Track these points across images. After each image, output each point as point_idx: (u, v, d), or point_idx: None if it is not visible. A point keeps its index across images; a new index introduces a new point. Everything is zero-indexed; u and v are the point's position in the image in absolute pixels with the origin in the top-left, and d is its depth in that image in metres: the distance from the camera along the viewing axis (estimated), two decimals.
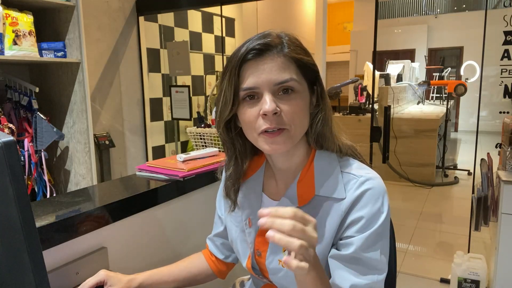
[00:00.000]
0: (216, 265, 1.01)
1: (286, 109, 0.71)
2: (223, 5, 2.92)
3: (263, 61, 0.70)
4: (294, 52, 0.72)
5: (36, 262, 0.55)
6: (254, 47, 0.70)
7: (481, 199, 2.16)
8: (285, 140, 0.72)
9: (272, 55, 0.71)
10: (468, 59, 6.85)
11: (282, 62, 0.71)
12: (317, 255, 0.68)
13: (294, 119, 0.71)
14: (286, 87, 0.71)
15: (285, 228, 0.57)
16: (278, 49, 0.71)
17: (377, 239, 0.72)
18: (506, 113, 2.77)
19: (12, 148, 0.52)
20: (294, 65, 0.72)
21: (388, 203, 0.74)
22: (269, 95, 0.70)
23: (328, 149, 0.79)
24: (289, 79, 0.70)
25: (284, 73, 0.70)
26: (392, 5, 8.82)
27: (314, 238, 0.59)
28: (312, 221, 0.60)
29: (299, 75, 0.73)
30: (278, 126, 0.70)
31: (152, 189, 1.14)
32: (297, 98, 0.72)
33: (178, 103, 3.06)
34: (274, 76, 0.70)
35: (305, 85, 0.74)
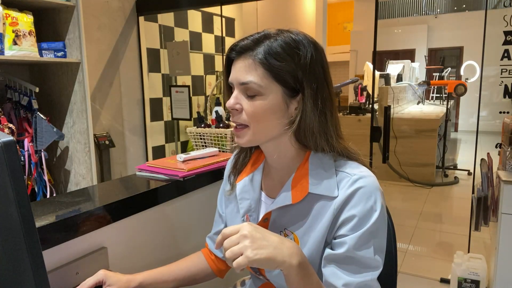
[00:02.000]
0: (215, 264, 1.02)
1: (247, 107, 0.76)
2: (223, 5, 2.92)
3: (237, 60, 0.77)
4: (268, 57, 0.74)
5: (36, 262, 0.55)
6: (233, 48, 0.78)
7: (481, 199, 2.16)
8: (244, 135, 0.78)
9: (244, 56, 0.76)
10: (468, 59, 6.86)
11: (248, 65, 0.75)
12: (304, 254, 0.71)
13: (254, 118, 0.76)
14: (247, 88, 0.75)
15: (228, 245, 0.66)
16: (250, 52, 0.75)
17: (370, 238, 0.72)
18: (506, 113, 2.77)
19: (12, 148, 0.52)
20: (262, 69, 0.74)
21: (382, 201, 0.74)
22: (237, 92, 0.77)
23: (321, 150, 0.79)
24: (248, 81, 0.75)
25: (247, 75, 0.75)
26: (392, 5, 8.83)
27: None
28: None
29: (266, 79, 0.74)
30: (237, 121, 0.78)
31: (152, 189, 1.14)
32: (260, 101, 0.75)
33: (178, 103, 3.06)
34: (239, 76, 0.76)
35: (276, 89, 0.75)
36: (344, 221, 0.74)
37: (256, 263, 0.64)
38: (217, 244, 0.68)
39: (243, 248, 0.64)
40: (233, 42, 0.78)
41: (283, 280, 0.80)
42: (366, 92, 5.39)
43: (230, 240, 0.66)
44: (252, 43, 0.75)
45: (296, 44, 0.74)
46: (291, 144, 0.80)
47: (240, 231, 0.66)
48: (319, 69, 0.76)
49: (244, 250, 0.64)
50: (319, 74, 0.76)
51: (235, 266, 0.63)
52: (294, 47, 0.74)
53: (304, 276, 0.68)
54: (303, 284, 0.69)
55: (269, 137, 0.79)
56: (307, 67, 0.74)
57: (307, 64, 0.74)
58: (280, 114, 0.76)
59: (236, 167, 0.93)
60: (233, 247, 0.64)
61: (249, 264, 0.63)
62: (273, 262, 0.65)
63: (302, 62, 0.74)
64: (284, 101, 0.76)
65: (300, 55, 0.74)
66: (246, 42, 0.76)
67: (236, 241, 0.65)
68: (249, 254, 0.63)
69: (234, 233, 0.66)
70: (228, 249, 0.65)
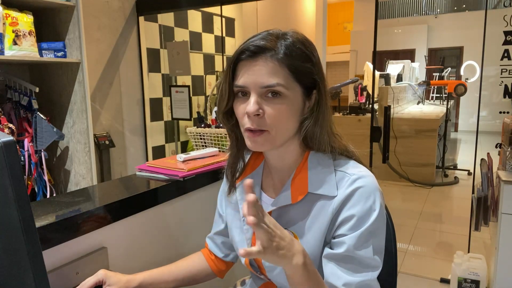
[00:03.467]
0: (215, 264, 1.02)
1: (269, 112, 0.73)
2: (223, 5, 2.92)
3: (255, 62, 0.72)
4: (289, 57, 0.72)
5: (36, 262, 0.55)
6: (248, 48, 0.72)
7: (481, 199, 2.16)
8: (264, 141, 0.75)
9: (264, 58, 0.72)
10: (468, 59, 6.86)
11: (272, 67, 0.72)
12: (307, 252, 0.70)
13: (276, 122, 0.73)
14: (272, 91, 0.72)
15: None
16: (271, 53, 0.72)
17: (369, 237, 0.73)
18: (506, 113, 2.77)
19: (12, 148, 0.52)
20: (286, 70, 0.73)
21: (381, 201, 0.75)
22: (255, 96, 0.73)
23: (322, 150, 0.79)
24: (275, 84, 0.72)
25: (272, 77, 0.72)
26: (392, 5, 8.82)
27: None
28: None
29: (290, 80, 0.73)
30: (258, 127, 0.73)
31: (152, 189, 1.14)
32: (283, 103, 0.73)
33: (178, 103, 3.06)
34: (262, 79, 0.72)
35: (297, 90, 0.75)
36: (343, 221, 0.74)
37: (270, 260, 0.63)
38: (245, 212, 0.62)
39: (268, 242, 0.61)
40: (243, 44, 0.74)
41: (284, 279, 0.80)
42: (366, 92, 5.39)
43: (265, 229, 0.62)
44: (269, 44, 0.72)
45: (308, 43, 0.76)
46: (298, 145, 0.80)
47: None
48: (322, 68, 0.78)
49: (268, 245, 0.61)
50: (323, 72, 0.78)
51: (243, 254, 0.60)
52: (307, 46, 0.75)
53: (308, 276, 0.68)
54: (307, 284, 0.69)
55: (286, 139, 0.77)
56: (318, 66, 0.76)
57: (318, 63, 0.76)
58: (298, 115, 0.76)
59: (235, 172, 0.91)
60: (263, 237, 0.61)
61: (262, 258, 0.62)
62: (284, 260, 0.64)
63: (314, 61, 0.76)
64: (303, 101, 0.76)
65: (313, 54, 0.76)
66: (263, 42, 0.72)
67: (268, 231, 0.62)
68: (269, 252, 0.61)
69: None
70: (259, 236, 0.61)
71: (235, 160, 0.89)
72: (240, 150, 0.88)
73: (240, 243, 0.90)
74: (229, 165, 0.91)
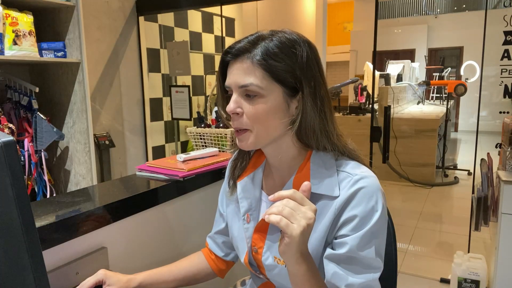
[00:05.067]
0: (215, 264, 1.02)
1: (247, 110, 0.75)
2: (223, 5, 2.92)
3: (235, 63, 0.76)
4: (266, 58, 0.73)
5: (36, 262, 0.55)
6: (229, 50, 0.76)
7: (481, 199, 2.16)
8: (247, 139, 0.77)
9: (242, 59, 0.75)
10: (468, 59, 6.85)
11: (247, 67, 0.74)
12: (309, 252, 0.71)
13: (255, 121, 0.75)
14: (248, 91, 0.74)
15: (279, 207, 0.65)
16: (248, 54, 0.74)
17: (371, 238, 0.73)
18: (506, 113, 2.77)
19: (12, 148, 0.52)
20: (261, 70, 0.73)
21: (383, 201, 0.75)
22: (236, 95, 0.76)
23: (323, 149, 0.79)
24: (249, 84, 0.74)
25: (247, 77, 0.74)
26: (392, 5, 8.82)
27: (309, 216, 0.65)
28: (310, 204, 0.67)
29: (266, 80, 0.74)
30: (239, 126, 0.77)
31: (152, 189, 1.14)
32: (261, 102, 0.74)
33: (178, 103, 3.06)
34: (238, 79, 0.75)
35: (277, 90, 0.75)
36: (345, 221, 0.74)
37: (293, 237, 0.64)
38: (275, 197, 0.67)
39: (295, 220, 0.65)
40: (228, 45, 0.77)
41: (283, 279, 0.80)
42: (366, 92, 5.39)
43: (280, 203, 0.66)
44: (248, 45, 0.75)
45: (292, 43, 0.75)
46: (293, 143, 0.80)
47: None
48: (315, 68, 0.77)
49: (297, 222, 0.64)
50: (315, 72, 0.76)
51: (272, 219, 0.65)
52: (290, 46, 0.74)
53: (310, 273, 0.69)
54: (308, 283, 0.69)
55: (271, 139, 0.78)
56: (304, 66, 0.75)
57: (304, 63, 0.75)
58: (282, 114, 0.76)
59: (236, 168, 0.93)
60: (284, 209, 0.65)
61: (287, 232, 0.64)
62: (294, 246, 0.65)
63: (299, 61, 0.74)
64: (285, 101, 0.76)
65: (297, 54, 0.74)
66: (241, 44, 0.75)
67: (284, 205, 0.66)
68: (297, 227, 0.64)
69: (286, 195, 0.67)
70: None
71: (240, 156, 0.92)
72: (241, 151, 0.92)
73: (241, 242, 0.90)
74: (233, 159, 0.94)
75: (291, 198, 0.66)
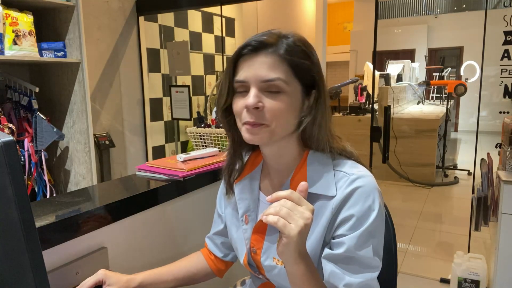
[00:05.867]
0: (215, 264, 1.02)
1: (269, 105, 0.73)
2: (223, 5, 2.92)
3: (256, 57, 0.74)
4: (290, 53, 0.73)
5: (36, 262, 0.55)
6: (250, 43, 0.74)
7: (481, 199, 2.16)
8: (263, 134, 0.75)
9: (265, 53, 0.73)
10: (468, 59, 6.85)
11: (273, 61, 0.73)
12: (308, 252, 0.71)
13: (276, 117, 0.74)
14: (272, 86, 0.73)
15: (277, 207, 0.65)
16: (272, 48, 0.73)
17: (369, 237, 0.73)
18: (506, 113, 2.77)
19: (12, 148, 0.52)
20: (286, 66, 0.73)
21: (380, 201, 0.75)
22: (255, 90, 0.73)
23: (321, 149, 0.79)
24: (276, 78, 0.72)
25: (273, 72, 0.73)
26: (392, 5, 8.82)
27: (306, 216, 0.65)
28: (308, 204, 0.67)
29: (290, 76, 0.74)
30: (257, 121, 0.74)
31: (152, 189, 1.14)
32: (283, 98, 0.74)
33: (178, 103, 3.06)
34: (262, 73, 0.73)
35: (296, 87, 0.75)
36: (342, 221, 0.74)
37: (291, 237, 0.64)
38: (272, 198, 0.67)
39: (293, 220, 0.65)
40: (247, 39, 0.75)
41: (283, 280, 0.80)
42: (366, 92, 5.39)
43: (277, 204, 0.67)
44: (271, 39, 0.74)
45: (308, 43, 0.77)
46: (293, 143, 0.80)
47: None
48: (321, 70, 0.79)
49: (295, 222, 0.65)
50: (322, 74, 0.78)
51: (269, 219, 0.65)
52: (307, 46, 0.76)
53: (309, 273, 0.69)
54: (308, 283, 0.69)
55: (283, 136, 0.78)
56: (318, 67, 0.77)
57: (318, 64, 0.77)
58: (297, 112, 0.77)
59: (232, 173, 0.90)
60: (281, 210, 0.65)
61: (284, 233, 0.64)
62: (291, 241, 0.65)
63: (314, 61, 0.77)
64: (302, 99, 0.77)
65: (313, 54, 0.77)
66: (266, 37, 0.74)
67: (281, 205, 0.66)
68: (294, 226, 0.64)
69: (282, 196, 0.67)
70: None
71: (233, 161, 0.89)
72: (237, 151, 0.88)
73: (239, 243, 0.90)
74: (227, 166, 0.91)
75: (288, 198, 0.66)
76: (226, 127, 0.84)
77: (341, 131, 0.83)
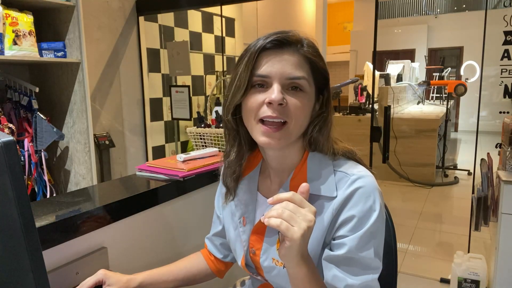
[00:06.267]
0: (214, 265, 1.01)
1: (292, 102, 0.73)
2: (223, 5, 2.92)
3: (281, 53, 0.73)
4: (311, 54, 0.74)
5: (36, 262, 0.55)
6: (276, 38, 0.73)
7: (481, 199, 2.16)
8: (281, 136, 0.73)
9: (291, 50, 0.73)
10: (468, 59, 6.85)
11: (298, 60, 0.73)
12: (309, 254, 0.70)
13: (297, 114, 0.73)
14: (297, 84, 0.73)
15: (279, 210, 0.64)
16: (298, 46, 0.74)
17: (370, 238, 0.72)
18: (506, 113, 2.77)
19: (12, 148, 0.52)
20: (308, 66, 0.74)
21: (381, 201, 0.74)
22: (278, 86, 0.72)
23: (322, 151, 0.79)
24: (301, 77, 0.73)
25: (298, 70, 0.73)
26: (392, 5, 8.82)
27: (309, 218, 0.64)
28: (310, 206, 0.66)
29: (310, 77, 0.75)
30: (280, 116, 0.72)
31: (152, 189, 1.14)
32: (304, 97, 0.74)
33: (178, 103, 3.06)
34: (288, 70, 0.72)
35: (313, 88, 0.76)
36: (343, 222, 0.74)
37: (294, 240, 0.63)
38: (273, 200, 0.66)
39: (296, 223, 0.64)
40: (270, 33, 0.73)
41: (282, 281, 0.80)
42: (366, 92, 5.39)
43: (279, 206, 0.65)
44: (296, 38, 0.74)
45: (317, 47, 0.78)
46: (300, 145, 0.80)
47: None
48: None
49: (298, 225, 0.63)
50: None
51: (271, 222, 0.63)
52: (317, 48, 0.77)
53: (311, 275, 0.68)
54: (309, 285, 0.69)
55: (298, 136, 0.77)
56: (327, 69, 0.78)
57: (326, 67, 0.78)
58: (310, 113, 0.77)
59: (231, 173, 0.87)
60: (284, 212, 0.64)
61: (287, 235, 0.63)
62: (298, 249, 0.64)
63: (324, 64, 0.77)
64: (315, 101, 0.78)
65: (322, 57, 0.78)
66: (292, 34, 0.73)
67: (284, 207, 0.64)
68: (297, 229, 0.63)
69: (284, 198, 0.66)
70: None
71: (233, 165, 0.85)
72: (241, 151, 0.84)
73: (237, 245, 0.89)
74: (225, 169, 0.88)
75: (290, 200, 0.65)
76: (234, 126, 0.81)
77: (341, 131, 0.84)
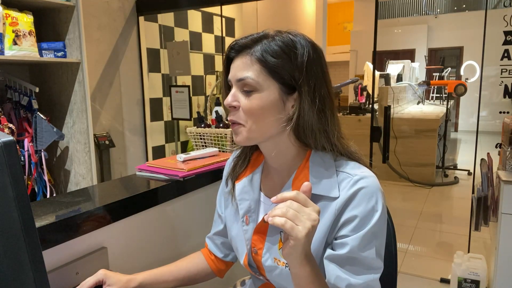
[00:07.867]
0: (215, 264, 1.02)
1: (243, 104, 0.76)
2: (223, 5, 2.92)
3: (236, 58, 0.78)
4: (264, 55, 0.75)
5: (36, 262, 0.55)
6: (232, 46, 0.79)
7: (481, 199, 2.16)
8: (240, 134, 0.78)
9: (243, 54, 0.77)
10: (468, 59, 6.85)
11: (246, 62, 0.76)
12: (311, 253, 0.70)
13: (250, 116, 0.76)
14: (245, 85, 0.76)
15: (283, 209, 0.64)
16: (248, 50, 0.76)
17: (372, 238, 0.72)
18: (506, 113, 2.77)
19: (12, 148, 0.52)
20: (258, 66, 0.75)
21: (383, 202, 0.74)
22: (234, 89, 0.78)
23: (323, 147, 0.79)
24: (245, 77, 0.75)
25: (244, 71, 0.76)
26: (392, 5, 8.82)
27: (313, 217, 0.64)
28: (314, 205, 0.66)
29: (263, 75, 0.75)
30: (233, 120, 0.78)
31: (152, 189, 1.14)
32: (257, 97, 0.75)
33: (178, 103, 3.06)
34: (237, 72, 0.77)
35: (273, 87, 0.75)
36: (345, 222, 0.74)
37: (299, 239, 0.63)
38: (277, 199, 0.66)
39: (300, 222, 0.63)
40: (232, 41, 0.80)
41: (284, 280, 0.80)
42: (366, 92, 5.39)
43: (282, 205, 0.65)
44: (250, 42, 0.77)
45: (294, 43, 0.75)
46: (291, 143, 0.80)
47: None
48: (317, 68, 0.76)
49: (302, 224, 0.63)
50: (316, 73, 0.76)
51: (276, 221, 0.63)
52: (291, 46, 0.75)
53: (313, 274, 0.68)
54: (312, 285, 0.68)
55: (266, 136, 0.78)
56: (304, 66, 0.75)
57: (304, 63, 0.75)
58: (277, 111, 0.76)
59: (235, 169, 0.92)
60: (288, 211, 0.63)
61: (291, 234, 0.62)
62: (301, 250, 0.64)
63: (299, 60, 0.75)
64: (280, 98, 0.76)
65: (297, 53, 0.75)
66: (244, 40, 0.77)
67: (288, 206, 0.64)
68: (301, 228, 0.63)
69: (288, 197, 0.66)
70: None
71: (241, 155, 0.93)
72: (244, 149, 0.92)
73: (240, 244, 0.89)
74: (235, 159, 0.94)
75: (294, 199, 0.65)
76: None
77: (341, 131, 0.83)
